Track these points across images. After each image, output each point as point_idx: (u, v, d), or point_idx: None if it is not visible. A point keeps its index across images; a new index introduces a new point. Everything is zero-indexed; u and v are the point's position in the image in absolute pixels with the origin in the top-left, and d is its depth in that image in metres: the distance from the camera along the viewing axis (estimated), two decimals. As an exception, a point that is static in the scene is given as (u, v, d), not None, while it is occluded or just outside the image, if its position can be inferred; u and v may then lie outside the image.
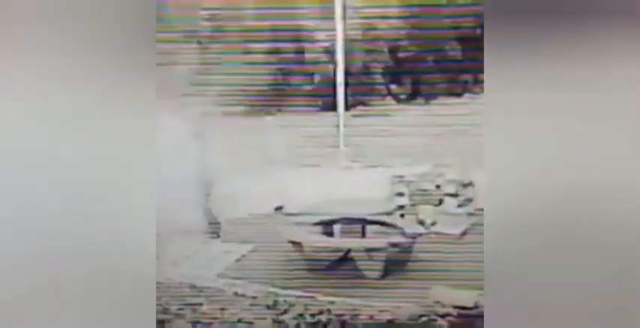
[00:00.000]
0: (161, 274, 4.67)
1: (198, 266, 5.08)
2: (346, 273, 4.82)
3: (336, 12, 6.37)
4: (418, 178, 5.99)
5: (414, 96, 6.56)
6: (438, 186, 5.93)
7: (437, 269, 4.69)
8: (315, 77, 6.55)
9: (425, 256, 4.97)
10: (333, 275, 4.82)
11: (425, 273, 4.69)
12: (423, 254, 5.00)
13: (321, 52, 6.56)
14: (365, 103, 6.58)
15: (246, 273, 4.84)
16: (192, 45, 6.18)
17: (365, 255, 4.82)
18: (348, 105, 6.47)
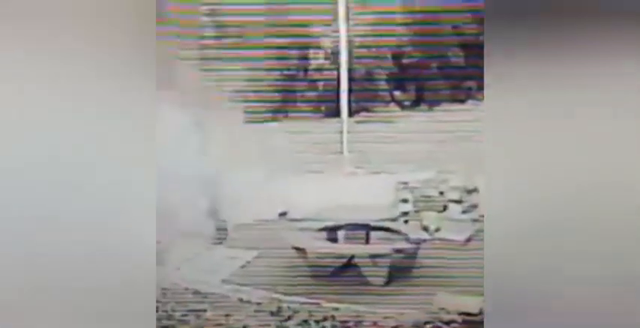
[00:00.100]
0: (165, 280, 4.67)
1: (203, 271, 5.07)
2: (350, 280, 4.80)
3: (340, 18, 6.39)
4: (422, 184, 5.99)
5: (417, 103, 6.57)
6: (442, 192, 5.94)
7: (441, 275, 4.68)
8: (319, 83, 6.57)
9: (429, 262, 4.95)
10: (337, 281, 4.80)
11: (429, 280, 4.68)
12: (428, 260, 4.98)
13: (325, 58, 6.58)
14: (368, 110, 6.60)
15: (250, 280, 4.83)
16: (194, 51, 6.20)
17: (369, 261, 4.81)
18: (351, 112, 6.48)
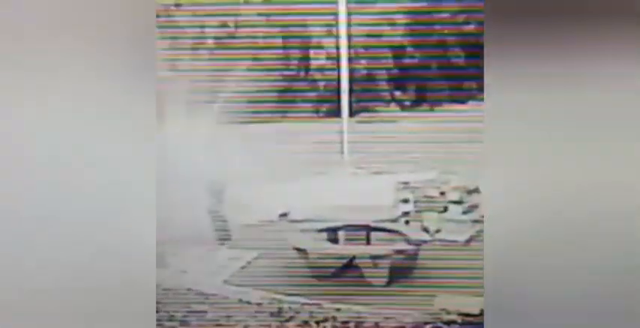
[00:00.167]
0: (166, 281, 4.68)
1: (204, 272, 5.07)
2: (351, 280, 4.81)
3: (340, 18, 6.39)
4: (423, 185, 5.99)
5: (418, 103, 6.56)
6: (443, 192, 5.93)
7: (442, 276, 4.68)
8: (320, 84, 6.56)
9: (430, 263, 4.96)
10: (338, 282, 4.81)
11: (430, 280, 4.69)
12: (428, 261, 4.99)
13: (326, 58, 6.58)
14: (369, 110, 6.58)
15: (251, 280, 4.83)
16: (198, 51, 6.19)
17: (370, 262, 4.81)
18: (352, 112, 6.46)
